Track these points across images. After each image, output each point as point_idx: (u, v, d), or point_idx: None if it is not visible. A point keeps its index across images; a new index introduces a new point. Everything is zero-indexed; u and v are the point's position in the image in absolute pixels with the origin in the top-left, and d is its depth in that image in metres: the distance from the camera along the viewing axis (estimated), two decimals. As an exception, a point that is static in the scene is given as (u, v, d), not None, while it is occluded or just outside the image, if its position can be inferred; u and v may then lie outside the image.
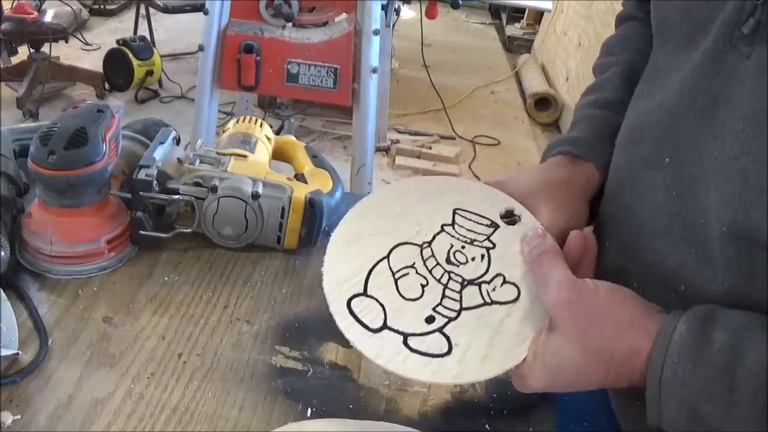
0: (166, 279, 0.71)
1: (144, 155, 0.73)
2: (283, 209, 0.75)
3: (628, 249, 0.56)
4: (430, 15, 2.55)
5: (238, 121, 0.88)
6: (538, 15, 4.46)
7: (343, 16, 1.91)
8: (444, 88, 3.45)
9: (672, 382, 0.44)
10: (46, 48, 2.91)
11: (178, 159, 0.76)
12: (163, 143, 0.75)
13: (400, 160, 2.88)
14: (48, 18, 2.92)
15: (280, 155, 0.90)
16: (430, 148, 3.00)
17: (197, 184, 0.74)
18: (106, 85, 3.10)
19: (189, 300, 0.68)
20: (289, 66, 1.86)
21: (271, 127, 0.91)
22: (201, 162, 0.76)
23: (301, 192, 0.75)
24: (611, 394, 0.61)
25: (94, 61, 3.29)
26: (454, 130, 3.22)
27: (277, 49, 1.85)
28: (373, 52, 1.87)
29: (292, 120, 2.62)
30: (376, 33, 1.85)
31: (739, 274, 0.45)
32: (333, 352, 0.64)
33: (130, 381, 0.58)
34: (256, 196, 0.73)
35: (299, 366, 0.62)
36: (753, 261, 0.44)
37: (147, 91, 3.20)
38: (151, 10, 3.38)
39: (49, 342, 0.61)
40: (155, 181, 0.71)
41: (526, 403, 0.61)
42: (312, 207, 0.75)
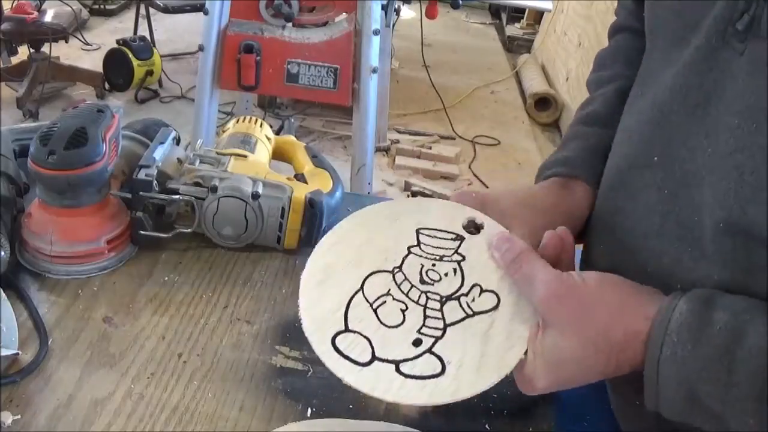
0: (166, 279, 0.71)
1: (144, 155, 0.73)
2: (283, 209, 0.75)
3: (621, 249, 0.56)
4: (430, 15, 2.55)
5: (238, 121, 0.88)
6: (538, 15, 4.47)
7: (343, 16, 1.91)
8: (444, 88, 3.45)
9: (671, 362, 0.43)
10: (46, 48, 2.91)
11: (178, 159, 0.76)
12: (163, 143, 0.75)
13: (400, 160, 2.88)
14: (48, 18, 2.92)
15: (280, 155, 0.90)
16: (430, 148, 3.00)
17: (197, 184, 0.74)
18: (106, 85, 3.10)
19: (189, 300, 0.68)
20: (289, 66, 1.86)
21: (271, 127, 0.91)
22: (201, 162, 0.76)
23: (301, 192, 0.75)
24: (611, 394, 0.61)
25: (94, 61, 3.30)
26: (454, 130, 3.23)
27: (277, 49, 1.85)
28: (373, 52, 1.87)
29: (292, 120, 2.62)
30: (376, 33, 1.85)
31: (735, 269, 0.45)
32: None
33: (130, 381, 0.58)
34: (256, 196, 0.73)
35: (299, 366, 0.62)
36: (749, 256, 0.44)
37: (147, 91, 3.20)
38: (151, 10, 3.38)
39: (49, 342, 0.61)
40: (155, 181, 0.71)
41: (526, 403, 0.61)
42: (312, 207, 0.75)
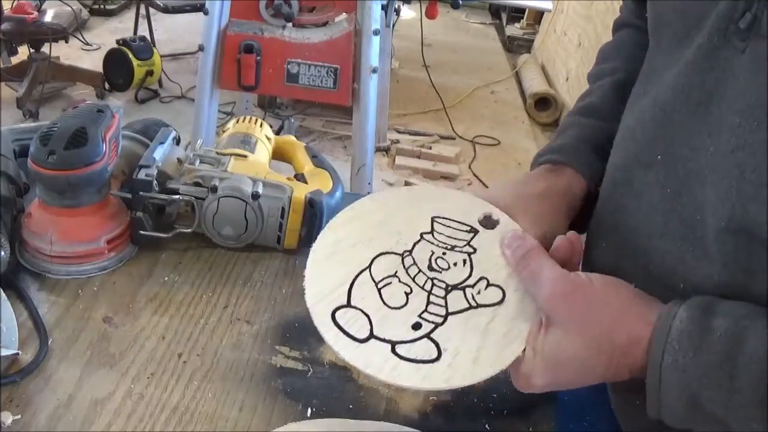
0: (166, 279, 0.71)
1: (144, 155, 0.73)
2: (283, 209, 0.75)
3: (624, 249, 0.56)
4: (430, 15, 2.55)
5: (238, 121, 0.88)
6: (538, 15, 4.46)
7: (343, 16, 1.91)
8: (444, 88, 3.45)
9: (672, 369, 0.43)
10: (46, 48, 2.91)
11: (178, 159, 0.76)
12: (163, 143, 0.75)
13: (400, 160, 2.88)
14: (48, 18, 2.92)
15: (280, 155, 0.90)
16: (430, 148, 3.00)
17: (197, 184, 0.74)
18: (106, 85, 3.10)
19: (189, 300, 0.68)
20: (289, 66, 1.86)
21: (271, 127, 0.91)
22: (201, 162, 0.76)
23: (301, 192, 0.75)
24: (611, 394, 0.61)
25: (94, 61, 3.30)
26: (454, 130, 3.22)
27: (277, 49, 1.85)
28: (373, 52, 1.87)
29: (292, 120, 2.62)
30: (376, 33, 1.85)
31: (737, 270, 0.45)
32: (333, 352, 0.64)
33: (130, 381, 0.58)
34: (256, 196, 0.73)
35: (299, 366, 0.62)
36: (751, 256, 0.44)
37: (147, 91, 3.20)
38: (151, 10, 3.38)
39: (49, 342, 0.61)
40: (155, 181, 0.71)
41: (526, 403, 0.61)
42: (312, 207, 0.75)
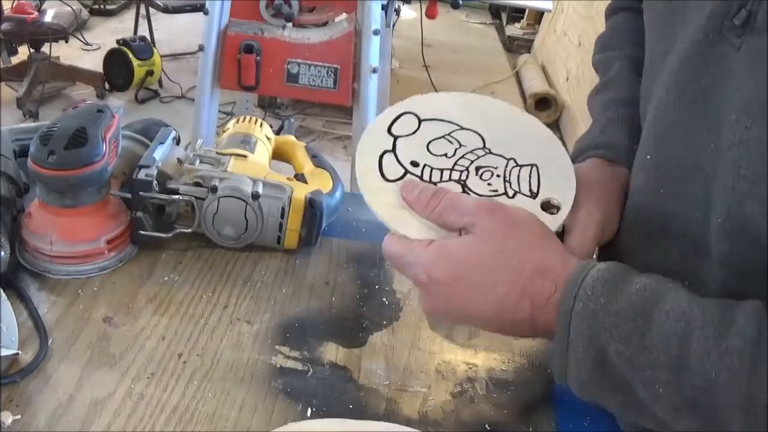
0: (166, 279, 0.71)
1: (144, 155, 0.73)
2: (283, 209, 0.75)
3: (627, 249, 0.56)
4: (430, 15, 2.55)
5: (238, 121, 0.88)
6: (538, 15, 4.46)
7: (343, 16, 1.91)
8: (444, 88, 3.44)
9: (583, 314, 0.42)
10: (46, 48, 2.91)
11: (178, 159, 0.76)
12: (163, 143, 0.75)
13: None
14: (48, 18, 2.92)
15: (280, 155, 0.90)
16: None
17: (197, 184, 0.74)
18: (106, 85, 3.10)
19: (189, 300, 0.68)
20: (289, 66, 1.86)
21: (271, 127, 0.91)
22: (201, 162, 0.76)
23: (301, 192, 0.75)
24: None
25: (94, 61, 3.29)
26: (454, 130, 3.22)
27: (277, 49, 1.85)
28: (373, 52, 1.87)
29: (292, 120, 2.62)
30: (376, 33, 1.85)
31: (736, 266, 0.45)
32: (333, 352, 0.64)
33: (130, 381, 0.58)
34: (256, 196, 0.73)
35: (299, 366, 0.62)
36: (748, 253, 0.44)
37: (147, 91, 3.20)
38: (151, 10, 3.38)
39: (49, 342, 0.61)
40: (155, 181, 0.71)
41: (526, 403, 0.61)
42: (312, 207, 0.75)
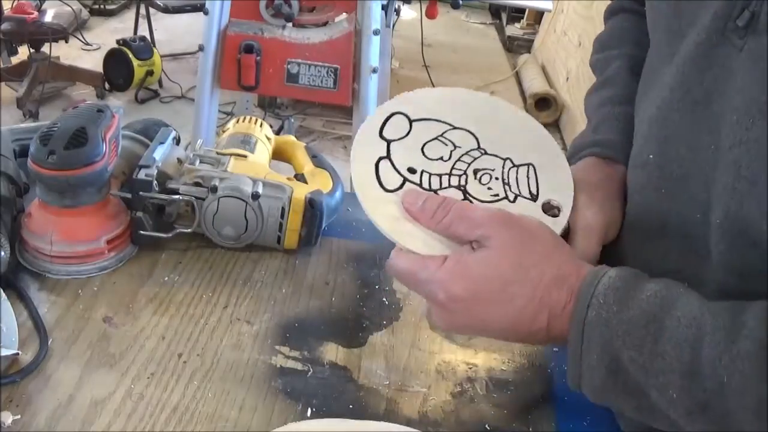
0: (166, 279, 0.71)
1: (144, 155, 0.73)
2: (283, 209, 0.75)
3: (626, 249, 0.56)
4: (430, 15, 2.55)
5: (238, 121, 0.88)
6: (538, 15, 4.46)
7: (343, 16, 1.91)
8: (444, 88, 3.44)
9: (596, 324, 0.42)
10: (46, 48, 2.91)
11: (178, 159, 0.76)
12: (163, 143, 0.75)
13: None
14: (48, 18, 2.92)
15: (280, 155, 0.90)
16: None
17: (197, 184, 0.74)
18: (106, 85, 3.10)
19: (189, 300, 0.68)
20: (289, 66, 1.86)
21: (271, 127, 0.91)
22: (201, 162, 0.76)
23: (301, 192, 0.75)
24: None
25: (94, 61, 3.29)
26: (454, 130, 3.22)
27: (277, 49, 1.85)
28: (373, 52, 1.87)
29: (292, 120, 2.61)
30: (376, 33, 1.85)
31: (734, 267, 0.45)
32: (333, 352, 0.64)
33: (130, 381, 0.58)
34: (256, 196, 0.73)
35: (299, 366, 0.62)
36: (746, 254, 0.44)
37: (147, 91, 3.20)
38: (151, 10, 3.38)
39: (49, 342, 0.61)
40: (155, 181, 0.71)
41: (526, 403, 0.61)
42: (312, 207, 0.75)
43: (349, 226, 0.83)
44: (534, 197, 0.55)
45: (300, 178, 0.82)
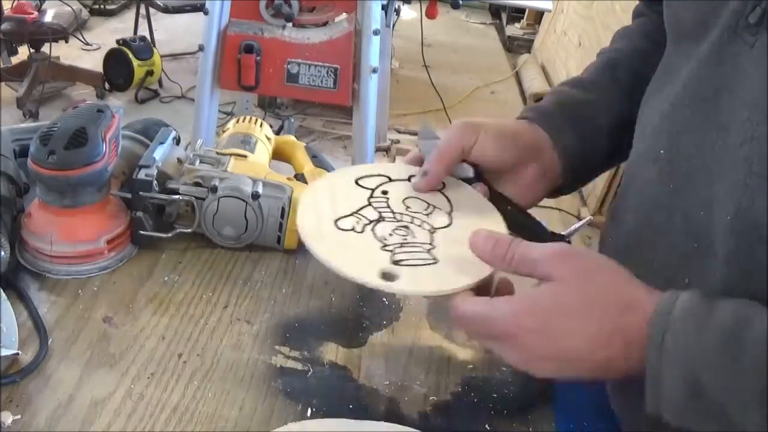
0: (166, 279, 0.71)
1: (144, 155, 0.73)
2: (283, 209, 0.75)
3: (630, 243, 0.56)
4: (430, 15, 2.55)
5: (238, 121, 0.88)
6: (538, 15, 4.46)
7: (343, 16, 1.91)
8: (444, 88, 3.44)
9: (674, 349, 0.42)
10: (46, 48, 2.90)
11: (178, 159, 0.76)
12: (163, 143, 0.75)
13: (400, 160, 2.87)
14: (48, 18, 2.91)
15: (280, 155, 0.90)
16: (430, 148, 2.99)
17: (197, 184, 0.74)
18: (106, 85, 3.10)
19: (189, 300, 0.68)
20: (289, 66, 1.86)
21: (271, 127, 0.91)
22: (201, 162, 0.76)
23: (301, 192, 0.75)
24: (611, 395, 0.61)
25: (94, 61, 3.29)
26: (454, 130, 3.21)
27: (277, 49, 1.85)
28: (373, 52, 1.87)
29: (292, 120, 2.62)
30: (376, 33, 1.85)
31: (741, 265, 0.45)
32: (333, 352, 0.64)
33: (130, 381, 0.58)
34: (256, 196, 0.73)
35: (299, 366, 0.62)
36: (755, 251, 0.44)
37: (147, 91, 3.20)
38: (151, 10, 3.38)
39: (49, 342, 0.61)
40: (155, 181, 0.71)
41: (526, 403, 0.61)
42: (312, 207, 0.75)
43: (349, 226, 0.83)
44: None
45: (300, 178, 0.82)
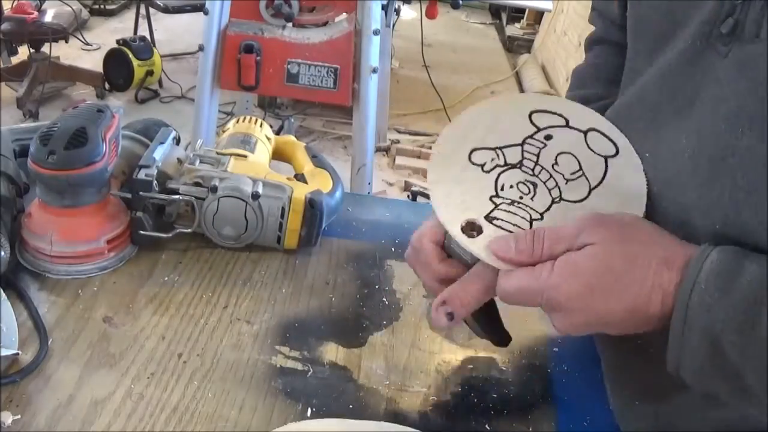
0: (166, 279, 0.71)
1: (144, 155, 0.73)
2: (283, 209, 0.75)
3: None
4: (430, 15, 2.55)
5: (238, 121, 0.88)
6: (538, 15, 4.46)
7: (343, 16, 1.91)
8: (444, 88, 3.45)
9: (698, 308, 0.43)
10: (46, 48, 2.91)
11: (178, 159, 0.76)
12: (163, 143, 0.75)
13: (400, 160, 2.88)
14: (48, 18, 2.92)
15: (280, 155, 0.90)
16: (430, 148, 3.00)
17: (197, 184, 0.74)
18: (106, 85, 3.10)
19: (189, 300, 0.68)
20: (289, 66, 1.86)
21: (271, 127, 0.91)
22: (201, 162, 0.76)
23: (301, 192, 0.75)
24: (610, 394, 0.61)
25: (94, 61, 3.30)
26: (454, 130, 3.22)
27: (277, 49, 1.85)
28: (373, 52, 1.87)
29: (292, 120, 2.62)
30: (376, 33, 1.85)
31: None
32: (333, 352, 0.64)
33: (130, 381, 0.58)
34: (256, 196, 0.73)
35: (299, 366, 0.62)
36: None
37: (147, 91, 3.20)
38: (151, 10, 3.38)
39: (49, 342, 0.61)
40: (155, 181, 0.71)
41: (526, 403, 0.61)
42: (312, 207, 0.75)
43: (349, 226, 0.83)
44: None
45: (300, 178, 0.82)
